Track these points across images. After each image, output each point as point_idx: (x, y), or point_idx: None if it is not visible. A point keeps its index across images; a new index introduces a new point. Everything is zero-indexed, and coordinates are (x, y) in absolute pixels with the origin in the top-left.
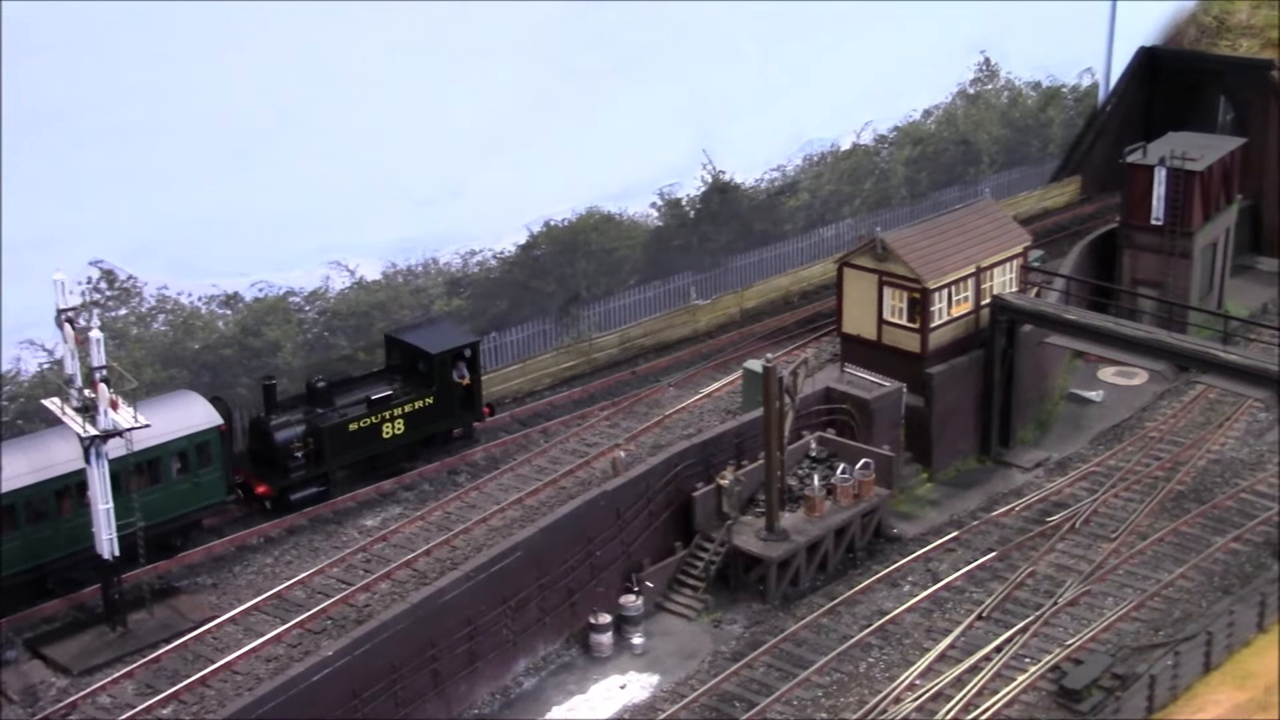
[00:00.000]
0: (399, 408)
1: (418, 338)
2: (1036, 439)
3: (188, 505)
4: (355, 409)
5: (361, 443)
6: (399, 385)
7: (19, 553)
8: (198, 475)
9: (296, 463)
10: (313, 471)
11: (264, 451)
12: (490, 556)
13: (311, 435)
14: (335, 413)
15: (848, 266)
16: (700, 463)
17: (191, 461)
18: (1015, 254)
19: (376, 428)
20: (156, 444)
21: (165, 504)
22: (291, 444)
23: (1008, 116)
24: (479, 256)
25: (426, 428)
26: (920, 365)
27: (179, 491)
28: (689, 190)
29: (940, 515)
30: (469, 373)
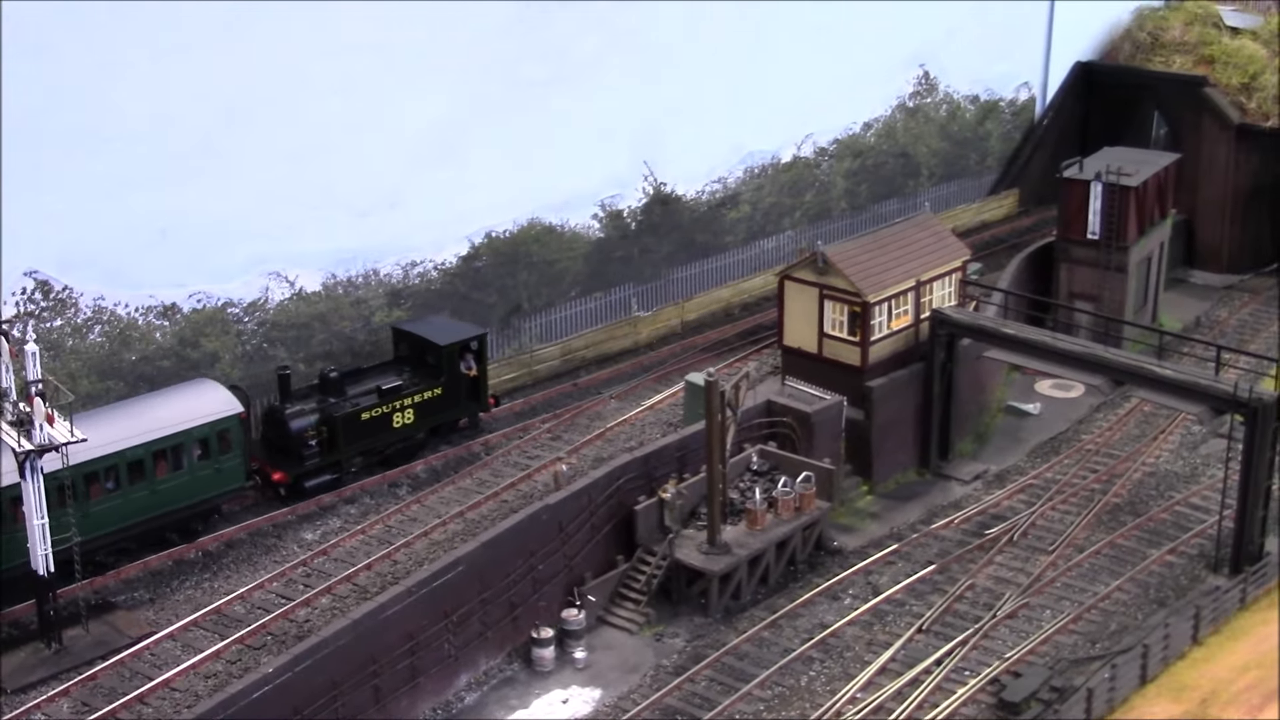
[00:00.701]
0: (409, 398)
1: (426, 330)
2: (975, 451)
3: (208, 490)
4: (367, 399)
5: (373, 431)
6: (408, 376)
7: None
8: (219, 461)
9: (311, 450)
10: (326, 459)
11: (278, 440)
12: (432, 571)
13: (325, 424)
14: (347, 402)
15: (789, 280)
16: (642, 476)
17: (213, 447)
18: (954, 268)
19: (387, 417)
20: (180, 430)
21: (187, 489)
22: (306, 432)
23: (946, 130)
24: (420, 267)
25: (435, 417)
26: (860, 378)
27: (201, 477)
28: (630, 202)
29: (880, 528)
30: (476, 364)
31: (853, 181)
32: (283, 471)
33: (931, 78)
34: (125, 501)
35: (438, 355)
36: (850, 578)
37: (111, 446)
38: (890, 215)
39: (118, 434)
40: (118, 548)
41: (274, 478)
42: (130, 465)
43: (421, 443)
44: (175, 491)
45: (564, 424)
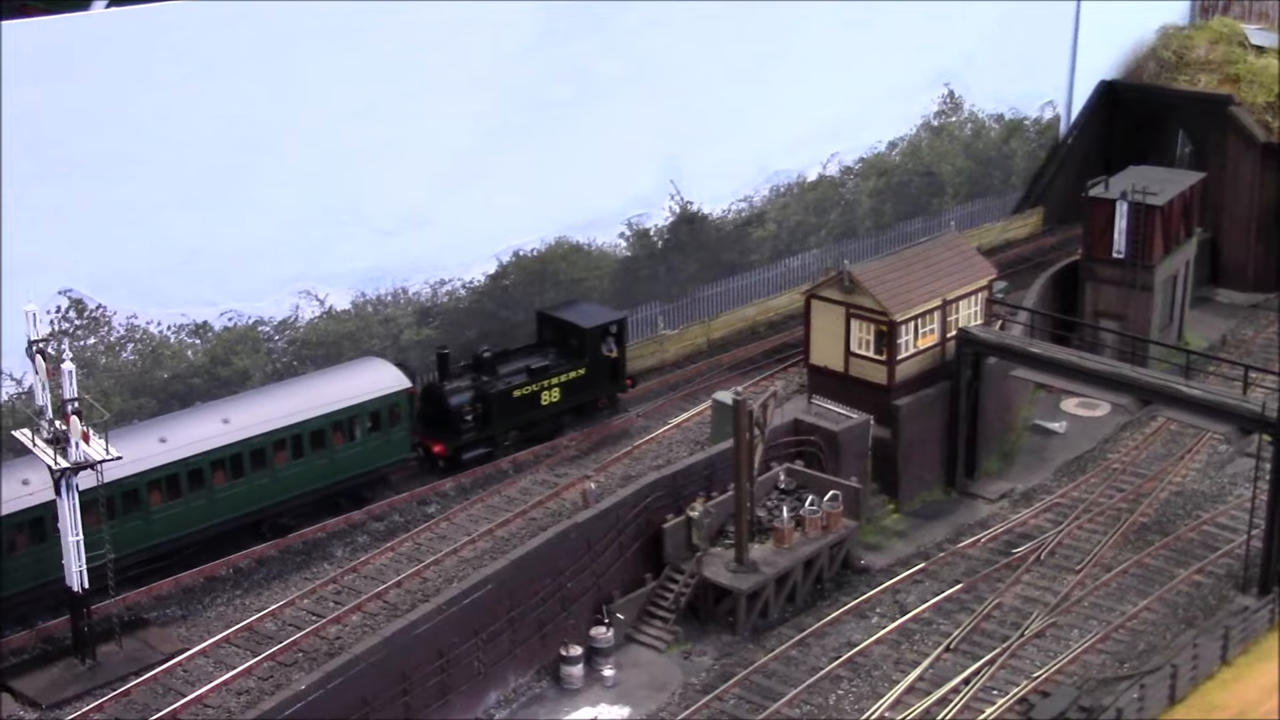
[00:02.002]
0: (556, 377)
1: (570, 314)
2: (1001, 470)
3: (378, 460)
4: (517, 377)
5: (523, 408)
6: (553, 357)
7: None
8: (388, 433)
9: (467, 425)
10: (481, 433)
11: (437, 415)
12: (462, 588)
13: (480, 400)
14: (500, 380)
15: (815, 299)
16: (670, 494)
17: (383, 420)
18: (980, 287)
19: (536, 395)
20: (354, 404)
21: (359, 459)
22: (463, 408)
23: (971, 148)
24: (448, 286)
25: (578, 396)
26: (887, 397)
27: (372, 448)
28: (657, 221)
29: (907, 546)
30: (616, 347)
31: (878, 200)
32: (443, 444)
33: (956, 97)
34: (308, 468)
35: (581, 338)
36: (878, 596)
37: (295, 417)
38: (915, 234)
39: (300, 406)
40: (300, 512)
41: (435, 450)
42: (313, 435)
43: (565, 420)
44: (350, 460)
45: (591, 441)
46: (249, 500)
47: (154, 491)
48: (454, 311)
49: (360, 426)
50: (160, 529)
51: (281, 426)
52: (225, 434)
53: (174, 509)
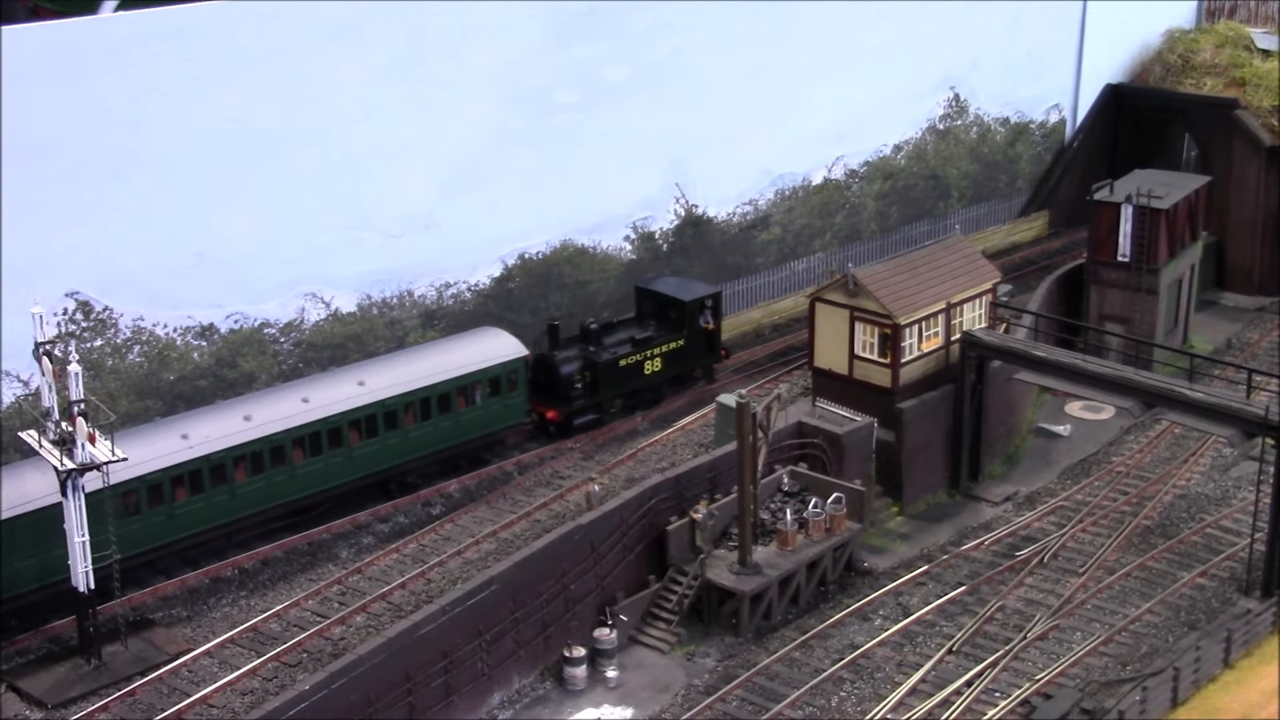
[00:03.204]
0: (657, 348)
1: (668, 287)
2: (1005, 473)
3: (496, 424)
4: (622, 348)
5: (628, 377)
6: (654, 329)
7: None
8: (506, 398)
9: (577, 392)
10: (590, 400)
11: (548, 383)
12: (466, 590)
13: (588, 369)
14: (606, 351)
15: (819, 301)
16: (674, 496)
17: (502, 386)
18: (985, 290)
19: (639, 364)
20: (476, 370)
21: (480, 422)
22: (573, 376)
23: (976, 152)
24: (454, 289)
25: (678, 366)
26: (891, 400)
27: (491, 411)
28: (662, 224)
29: (910, 549)
30: (713, 319)
31: (883, 203)
32: (555, 410)
33: (962, 100)
34: (436, 430)
35: (680, 311)
36: (881, 599)
37: (424, 381)
38: (920, 237)
39: (428, 371)
40: (426, 471)
41: (548, 416)
42: (440, 398)
43: (665, 389)
44: (472, 423)
45: (595, 444)
46: (382, 459)
47: (297, 449)
48: (459, 314)
49: (481, 391)
50: (302, 483)
51: (412, 390)
52: (362, 396)
53: (316, 464)
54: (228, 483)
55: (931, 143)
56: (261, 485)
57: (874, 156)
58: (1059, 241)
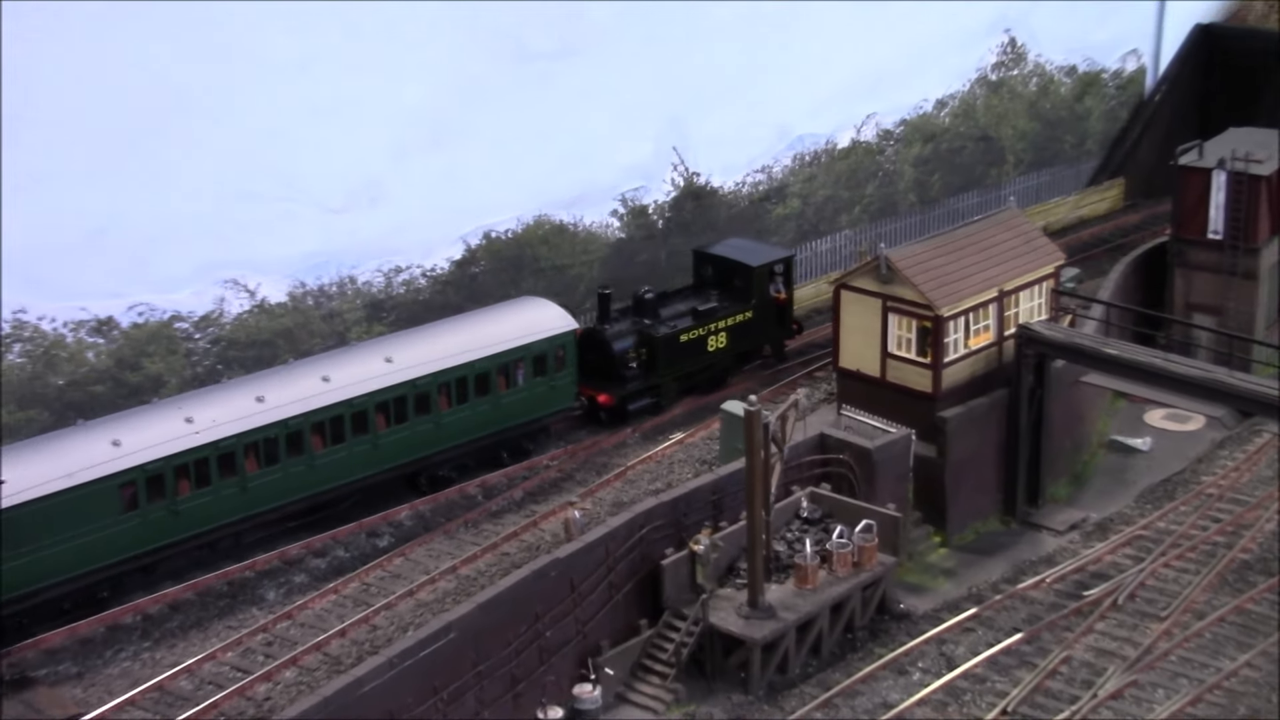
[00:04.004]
0: (722, 320)
1: (733, 251)
2: (1071, 496)
3: (542, 409)
4: (682, 321)
5: (689, 354)
6: (717, 299)
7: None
8: (553, 379)
9: (632, 372)
10: (646, 382)
11: (599, 361)
12: (418, 639)
13: (644, 345)
14: (664, 324)
15: (846, 289)
16: (670, 524)
17: (549, 365)
18: (1045, 274)
19: (703, 340)
20: (519, 345)
21: (522, 406)
22: (627, 354)
23: (1037, 108)
24: (405, 274)
25: (745, 342)
26: (932, 407)
27: (537, 394)
28: (657, 196)
29: (956, 588)
30: (784, 288)
31: (923, 171)
32: (608, 394)
33: (1019, 45)
34: (472, 414)
35: (747, 277)
36: (920, 648)
37: (459, 358)
38: (968, 211)
39: (464, 346)
40: (460, 463)
41: (600, 400)
42: (478, 378)
43: (730, 368)
44: (514, 408)
45: (575, 460)
46: (411, 448)
47: (317, 436)
48: (412, 304)
49: (524, 371)
50: (323, 475)
51: (447, 368)
52: (390, 375)
53: (339, 454)
54: (238, 474)
55: (982, 97)
56: (277, 477)
57: (912, 114)
58: (1136, 215)
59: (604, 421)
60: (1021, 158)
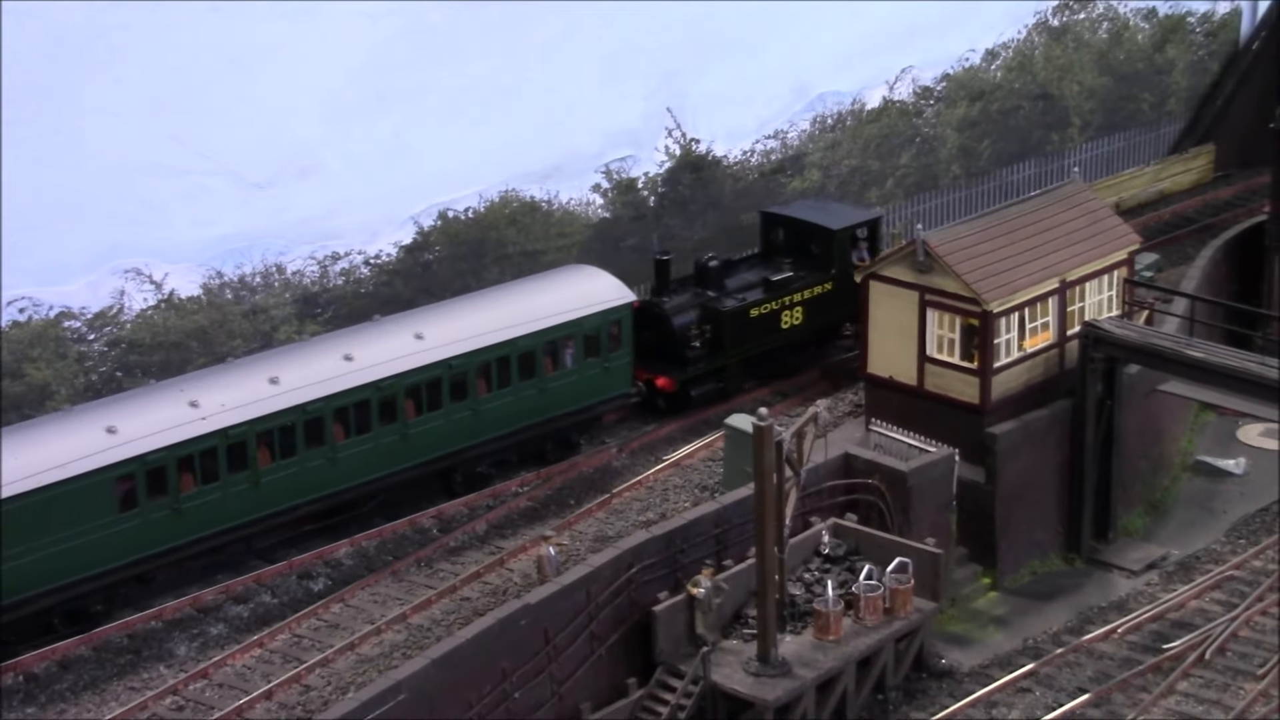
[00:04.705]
0: (798, 293)
1: (809, 213)
2: (1148, 528)
3: (593, 395)
4: (752, 293)
5: (760, 332)
6: (791, 268)
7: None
8: (607, 360)
9: (695, 352)
10: (711, 364)
11: (656, 339)
12: (361, 702)
13: (708, 321)
14: (730, 297)
15: (875, 280)
16: (664, 563)
17: (602, 343)
18: (1117, 262)
19: (775, 315)
20: (570, 320)
21: (571, 392)
22: (689, 330)
23: (1108, 59)
24: (343, 262)
25: (824, 317)
26: (979, 422)
27: (588, 377)
28: (648, 167)
29: (1009, 639)
30: (870, 256)
31: (970, 136)
32: (669, 377)
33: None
34: (515, 401)
35: (826, 243)
36: (965, 711)
37: (500, 334)
38: (1024, 185)
39: (505, 322)
40: (500, 458)
41: (659, 384)
42: (521, 359)
43: (806, 350)
44: (561, 393)
45: (550, 486)
46: (446, 439)
47: (338, 424)
48: (353, 298)
49: (574, 350)
50: (345, 471)
51: (486, 347)
52: (421, 353)
53: (363, 445)
54: (249, 468)
55: (1041, 46)
56: (293, 471)
57: (957, 67)
58: (1229, 190)
59: (663, 410)
60: (1089, 120)
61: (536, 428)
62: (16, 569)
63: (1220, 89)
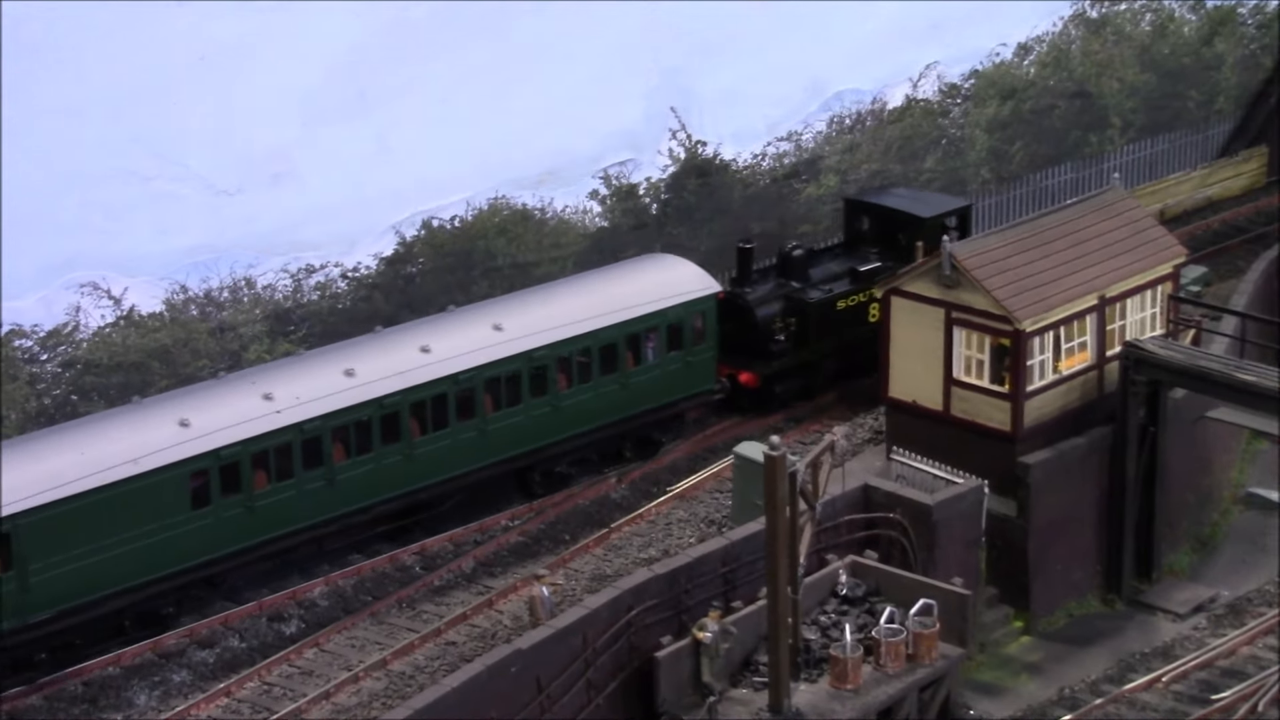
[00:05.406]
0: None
1: (898, 200)
2: (1195, 567)
3: (676, 391)
4: (839, 284)
5: (847, 325)
6: (877, 259)
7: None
8: (690, 354)
9: (779, 346)
10: (795, 358)
11: (737, 332)
12: None
13: (792, 313)
14: (816, 287)
15: (897, 296)
16: (667, 604)
17: (685, 336)
18: (1161, 276)
19: (863, 307)
20: (650, 312)
21: (653, 388)
22: (773, 322)
23: (1151, 54)
24: (319, 275)
25: None
26: (1011, 451)
27: (671, 372)
28: (651, 172)
29: (1043, 688)
30: None
31: (1000, 138)
32: (752, 372)
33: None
34: (595, 396)
35: (915, 232)
36: None
37: (581, 326)
38: (1060, 191)
39: (583, 313)
40: (580, 457)
41: (741, 379)
42: (603, 352)
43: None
44: (643, 389)
45: (543, 520)
46: (525, 436)
47: (415, 419)
48: (329, 315)
49: (656, 343)
50: (422, 468)
51: (567, 338)
52: (500, 345)
53: (440, 441)
54: (324, 464)
55: (1079, 40)
56: (369, 468)
57: (986, 63)
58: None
59: (745, 409)
60: (1130, 120)
61: (617, 425)
62: (86, 569)
63: (1274, 86)
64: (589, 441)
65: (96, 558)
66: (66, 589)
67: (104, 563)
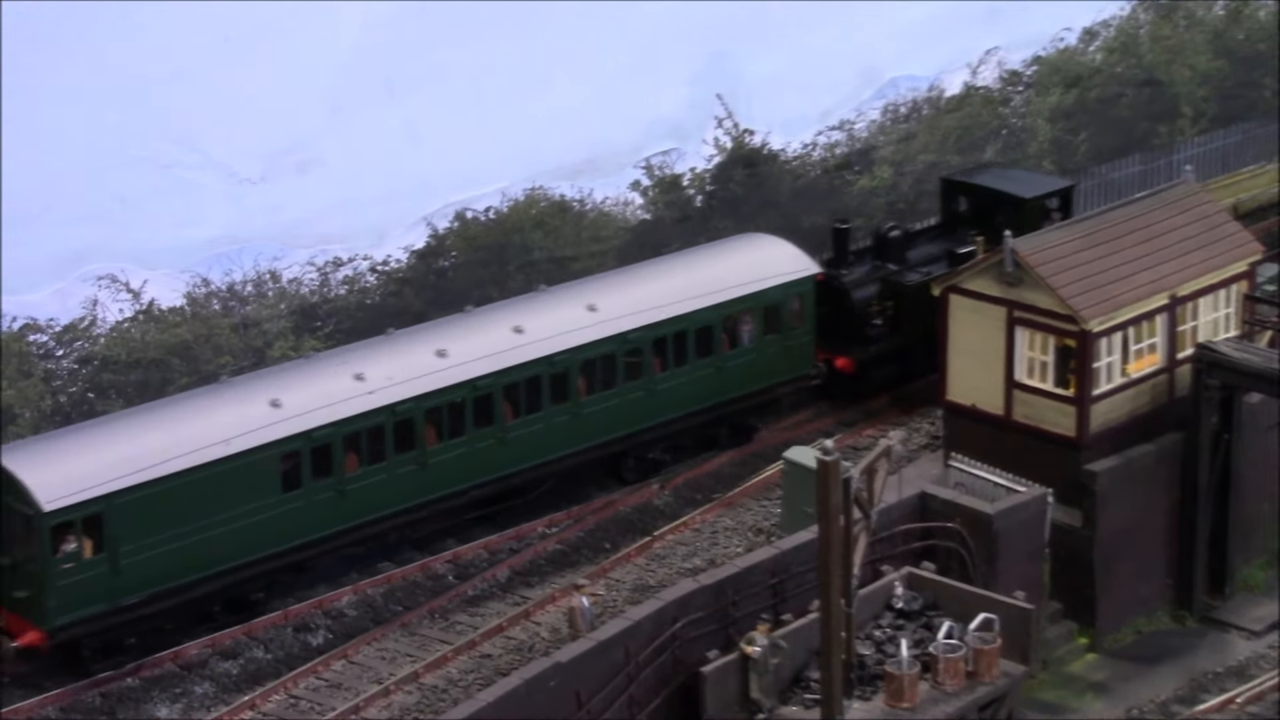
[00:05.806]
0: None
1: (997, 180)
2: (1271, 583)
3: (773, 376)
4: (936, 266)
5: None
6: (974, 241)
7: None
8: (788, 337)
9: (876, 330)
10: (892, 342)
11: (832, 315)
12: None
13: (889, 296)
14: (914, 270)
15: (956, 294)
16: (714, 617)
17: (783, 319)
18: (1236, 274)
19: None
20: (747, 294)
21: (749, 372)
22: (869, 305)
23: (1225, 40)
24: (347, 269)
25: None
26: (1076, 458)
27: (768, 356)
28: (694, 162)
29: (1110, 708)
30: None
31: (1064, 128)
32: (848, 357)
33: None
34: (691, 380)
35: (1015, 213)
36: None
37: (675, 309)
38: (1127, 185)
39: (679, 293)
40: (675, 443)
41: (837, 364)
42: (699, 335)
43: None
44: (739, 373)
45: (584, 527)
46: (619, 421)
47: (508, 402)
48: (358, 310)
49: (752, 326)
50: (515, 453)
51: (663, 320)
52: (594, 327)
53: (533, 425)
54: (416, 447)
55: (1148, 25)
56: (461, 452)
57: (1049, 49)
58: None
59: (839, 394)
60: (1203, 110)
61: (713, 410)
62: (176, 551)
63: None
64: (685, 427)
65: (187, 540)
66: (157, 572)
67: (195, 545)
